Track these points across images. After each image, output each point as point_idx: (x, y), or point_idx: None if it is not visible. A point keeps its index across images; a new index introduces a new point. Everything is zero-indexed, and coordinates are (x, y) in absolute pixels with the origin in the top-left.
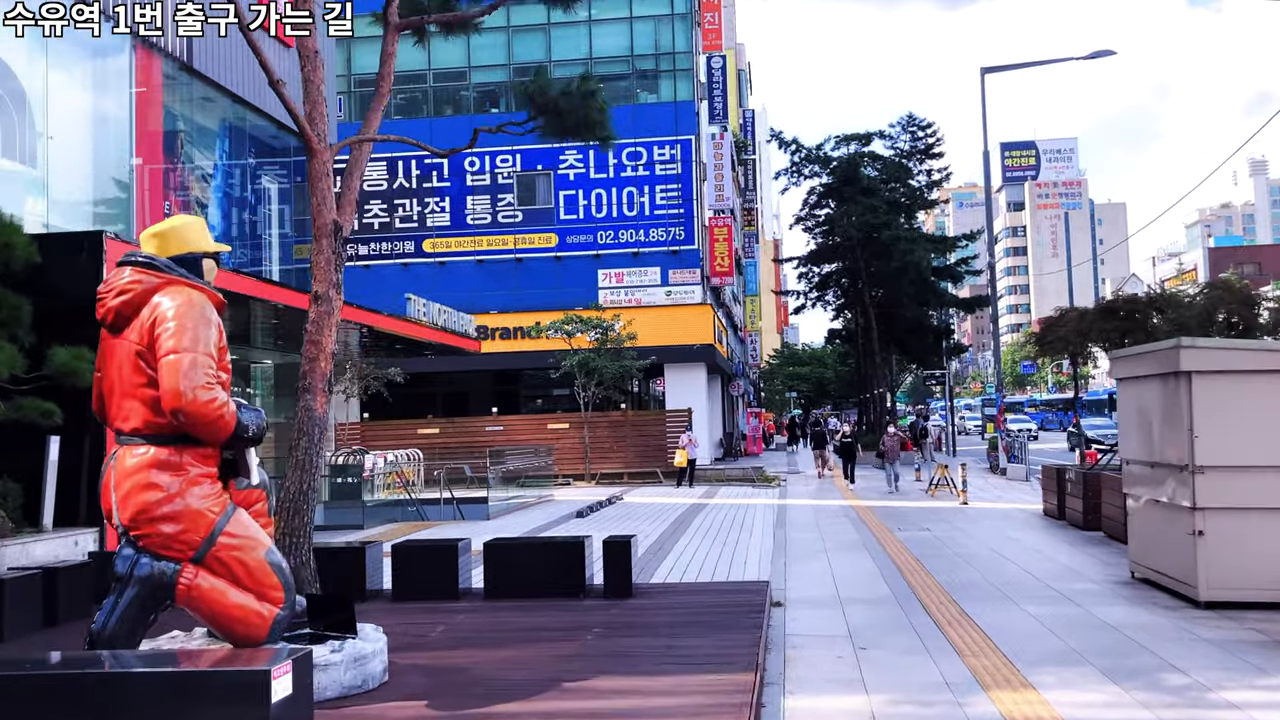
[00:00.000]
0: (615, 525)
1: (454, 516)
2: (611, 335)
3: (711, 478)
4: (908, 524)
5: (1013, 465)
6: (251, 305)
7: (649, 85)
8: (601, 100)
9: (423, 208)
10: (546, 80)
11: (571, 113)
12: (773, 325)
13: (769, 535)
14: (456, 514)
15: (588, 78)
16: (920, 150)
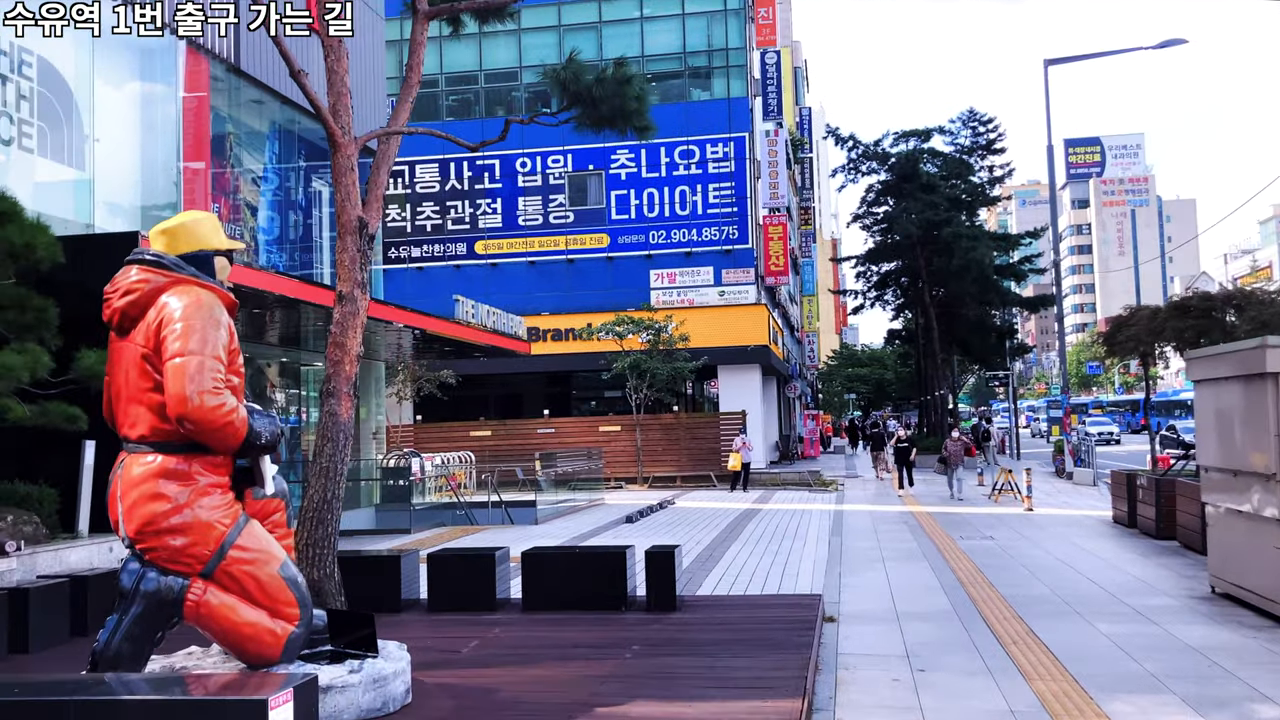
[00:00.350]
0: (664, 532)
1: (503, 520)
2: (664, 336)
3: (766, 482)
4: (969, 531)
5: (1079, 469)
6: (302, 309)
7: (702, 82)
8: (639, 87)
9: (474, 209)
10: (579, 66)
11: (606, 101)
12: (831, 326)
13: (823, 543)
14: (505, 518)
15: (622, 63)
16: (981, 146)
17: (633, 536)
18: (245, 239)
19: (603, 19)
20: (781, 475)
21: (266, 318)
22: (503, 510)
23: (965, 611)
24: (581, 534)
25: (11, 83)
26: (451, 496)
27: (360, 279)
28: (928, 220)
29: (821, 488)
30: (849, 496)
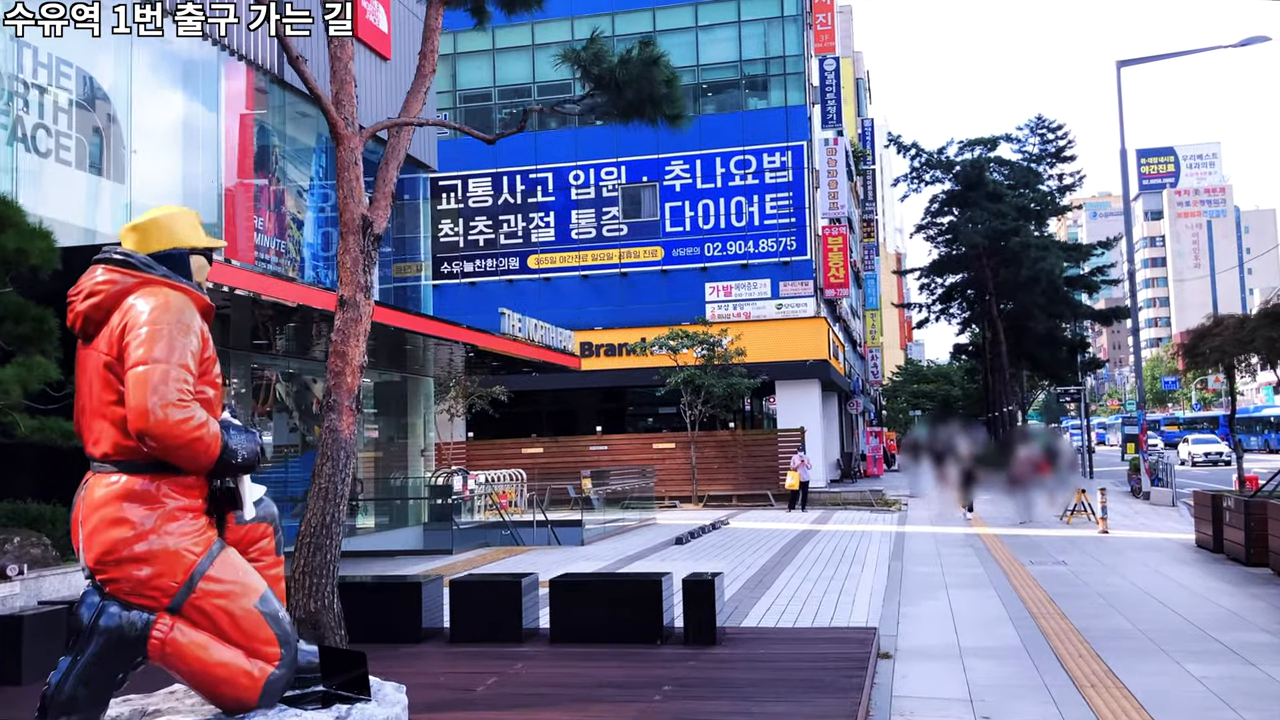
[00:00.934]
0: (715, 554)
1: (549, 541)
2: (719, 351)
3: (826, 501)
4: (1040, 555)
5: (1157, 489)
6: None
7: (758, 91)
8: (668, 69)
9: (527, 223)
10: (601, 47)
11: (631, 84)
12: (896, 342)
13: (882, 568)
14: (552, 538)
15: (649, 43)
16: (1050, 154)
17: (681, 559)
18: (290, 253)
19: (656, 28)
20: (842, 494)
21: (313, 332)
22: (549, 530)
23: (1036, 647)
24: (628, 556)
25: (50, 94)
26: (499, 515)
27: (363, 282)
28: (995, 229)
29: (883, 507)
30: (912, 517)
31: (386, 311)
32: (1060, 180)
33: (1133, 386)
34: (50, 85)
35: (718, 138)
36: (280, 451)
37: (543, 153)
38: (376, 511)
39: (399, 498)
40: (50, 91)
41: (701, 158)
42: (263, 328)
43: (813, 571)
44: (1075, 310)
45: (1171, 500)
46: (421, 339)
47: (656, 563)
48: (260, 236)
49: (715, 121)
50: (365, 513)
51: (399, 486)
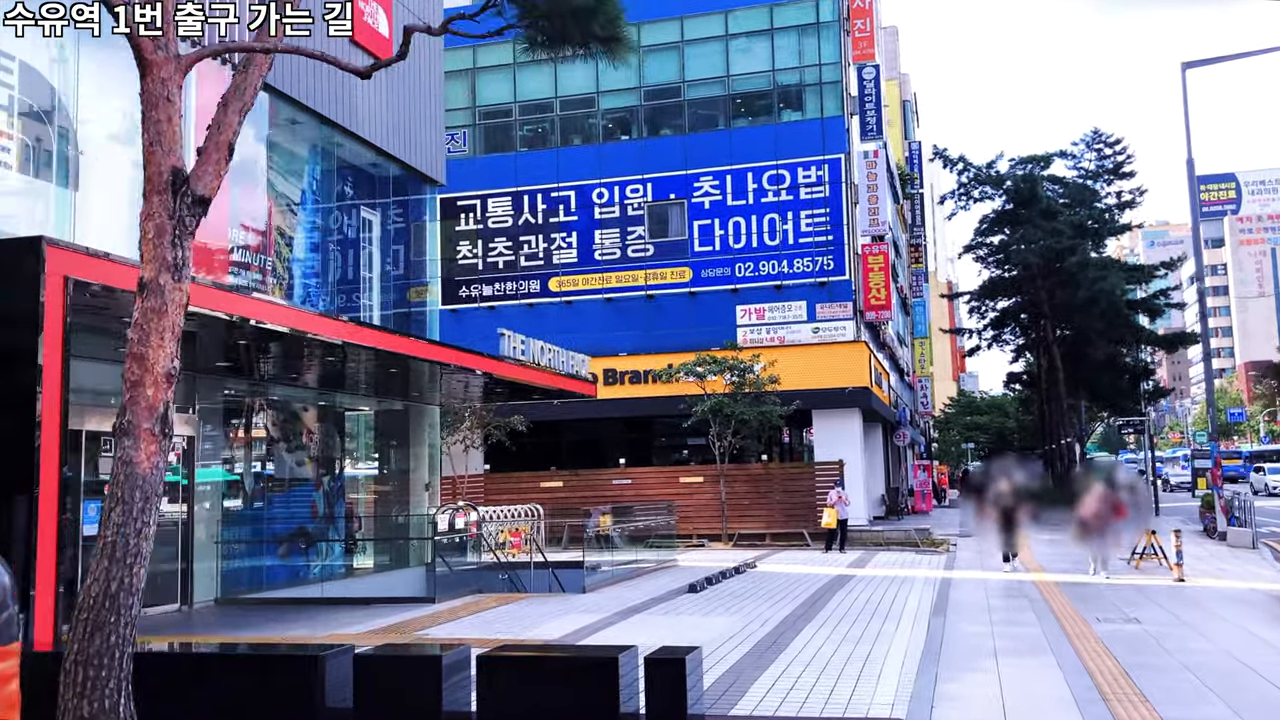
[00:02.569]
0: (729, 606)
1: (549, 586)
2: (750, 378)
3: (867, 540)
4: (1108, 610)
5: (1234, 529)
6: (347, 350)
7: (793, 102)
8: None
9: (548, 244)
10: None
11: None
12: (948, 373)
13: (921, 626)
14: (553, 583)
15: None
16: (1108, 170)
17: (689, 612)
18: (277, 271)
19: (685, 38)
20: (885, 534)
21: (304, 358)
22: (550, 574)
23: None
24: (630, 607)
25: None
26: (513, 555)
27: (172, 260)
28: (1050, 248)
29: (930, 548)
30: (960, 560)
31: (361, 331)
32: (1119, 198)
33: (1195, 417)
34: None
35: (749, 151)
36: (265, 487)
37: (565, 170)
38: (376, 551)
39: (391, 537)
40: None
41: (732, 173)
42: (241, 351)
43: (838, 629)
44: (1137, 334)
45: (1252, 542)
46: (409, 362)
47: (659, 616)
48: (240, 252)
49: (747, 134)
50: (363, 553)
51: (400, 524)
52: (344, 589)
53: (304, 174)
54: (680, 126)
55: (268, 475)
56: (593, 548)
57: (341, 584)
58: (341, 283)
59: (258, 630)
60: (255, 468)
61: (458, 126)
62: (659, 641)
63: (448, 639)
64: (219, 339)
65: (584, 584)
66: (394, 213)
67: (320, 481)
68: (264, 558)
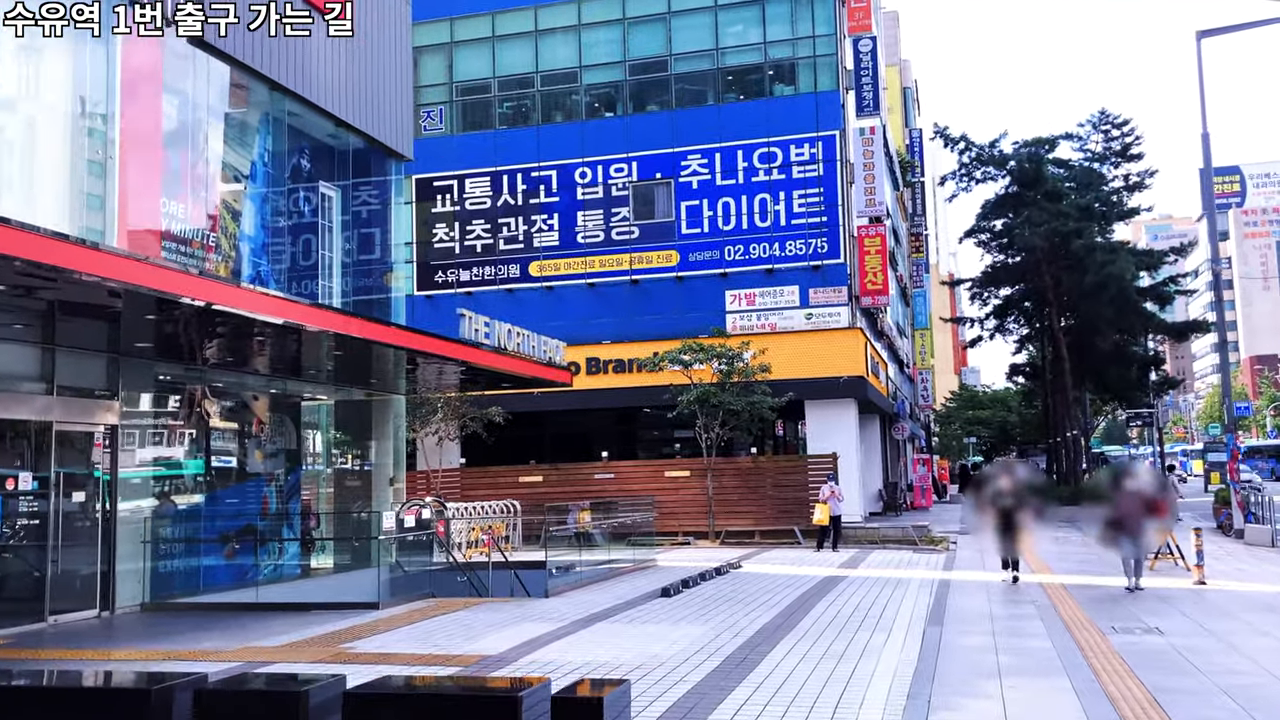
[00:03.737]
0: (703, 612)
1: (511, 590)
2: (739, 366)
3: (862, 538)
4: (1125, 618)
5: (1252, 526)
6: (304, 335)
7: (785, 76)
8: None
9: (529, 226)
10: None
11: None
12: (949, 366)
13: (915, 639)
14: (516, 585)
15: None
16: (1116, 152)
17: (655, 620)
18: (222, 247)
19: (671, 9)
20: (881, 530)
21: (247, 340)
22: (512, 576)
23: None
24: (594, 614)
25: None
26: (485, 554)
27: None
28: (1055, 231)
29: (928, 546)
30: (960, 559)
31: (301, 308)
32: (1126, 180)
33: (1199, 411)
34: None
35: (739, 128)
36: (207, 481)
37: (546, 148)
38: (336, 551)
39: (330, 537)
40: None
41: (721, 151)
42: (175, 331)
43: (820, 642)
44: (1147, 323)
45: (1271, 539)
46: (360, 345)
47: (620, 625)
48: (174, 223)
49: (737, 111)
50: (321, 552)
51: (360, 522)
52: (284, 593)
53: (253, 144)
54: (667, 102)
55: (210, 468)
56: (571, 546)
57: (284, 587)
58: (298, 264)
59: (167, 641)
60: (195, 460)
61: (434, 103)
62: (611, 659)
63: (377, 653)
64: (146, 317)
65: (547, 588)
66: (358, 190)
67: (272, 476)
68: (202, 558)
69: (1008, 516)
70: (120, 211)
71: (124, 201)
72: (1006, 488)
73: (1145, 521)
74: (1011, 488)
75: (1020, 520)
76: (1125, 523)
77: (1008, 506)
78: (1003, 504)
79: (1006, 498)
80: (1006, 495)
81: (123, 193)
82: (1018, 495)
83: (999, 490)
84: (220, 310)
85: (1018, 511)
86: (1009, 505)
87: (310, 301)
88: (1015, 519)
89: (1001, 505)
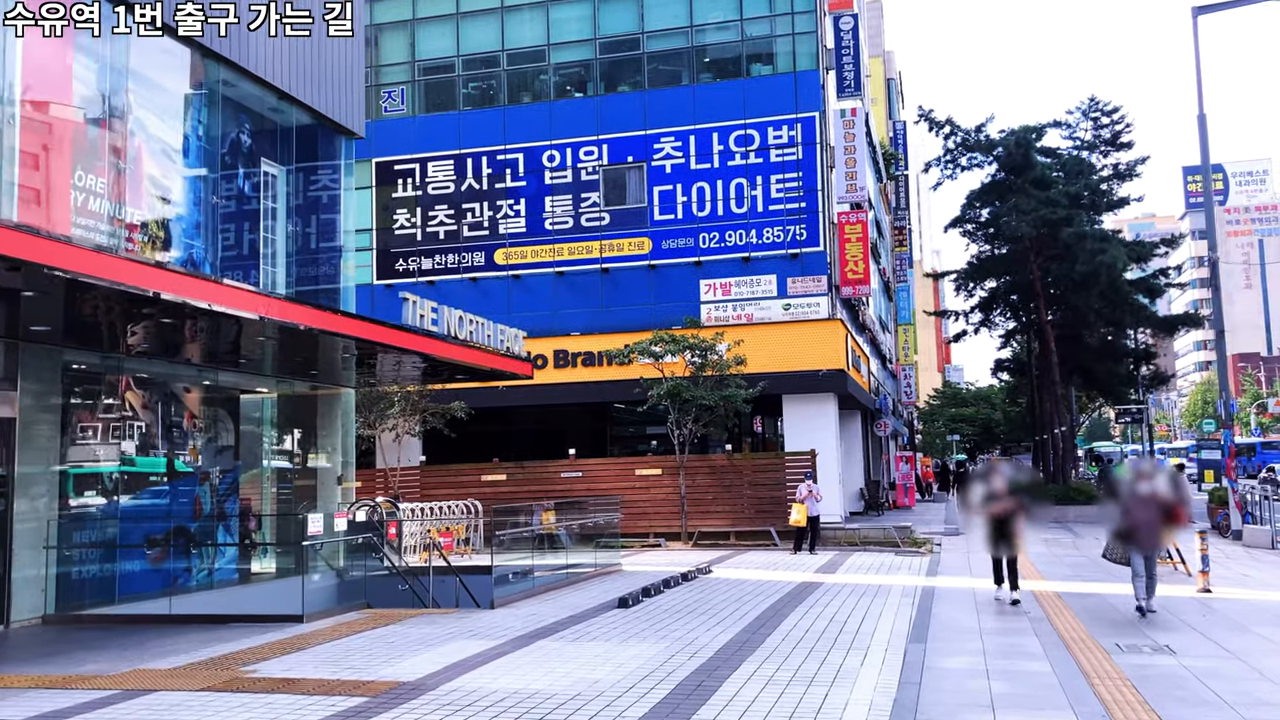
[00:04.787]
0: (661, 626)
1: (455, 599)
2: (713, 359)
3: (842, 540)
4: (1130, 634)
5: (1250, 527)
6: (243, 324)
7: (763, 55)
8: None
9: (494, 212)
10: None
11: None
12: (932, 363)
13: (895, 659)
14: (461, 594)
15: None
16: (1105, 141)
17: (605, 636)
18: (150, 227)
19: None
20: (862, 531)
21: (184, 330)
22: (457, 584)
23: None
24: (538, 629)
25: None
26: (442, 557)
27: None
28: (1044, 219)
29: (912, 549)
30: (946, 563)
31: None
32: (1115, 169)
33: (1182, 410)
34: None
35: (715, 110)
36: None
37: (512, 130)
38: (279, 556)
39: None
40: None
41: (696, 133)
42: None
43: (787, 664)
44: (1139, 315)
45: (1271, 541)
46: (291, 331)
47: (563, 644)
48: (90, 199)
49: (712, 91)
50: (263, 556)
51: (299, 523)
52: (205, 604)
53: (185, 117)
54: (639, 83)
55: (131, 467)
56: (534, 549)
57: (206, 597)
58: (237, 245)
59: (48, 663)
60: (113, 457)
61: (395, 83)
62: (544, 687)
63: (278, 678)
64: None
65: (493, 598)
66: (305, 170)
67: (206, 475)
68: (120, 564)
69: (1003, 522)
70: (20, 182)
71: (25, 171)
72: (1001, 489)
73: (1161, 530)
74: (1006, 489)
75: (1016, 525)
76: (1137, 532)
77: (1003, 509)
78: (996, 506)
79: (1002, 499)
80: (1001, 496)
81: (23, 161)
82: (1014, 497)
83: (993, 492)
84: (132, 293)
85: (1015, 515)
86: (1005, 508)
87: (237, 284)
88: (1011, 523)
89: (995, 508)
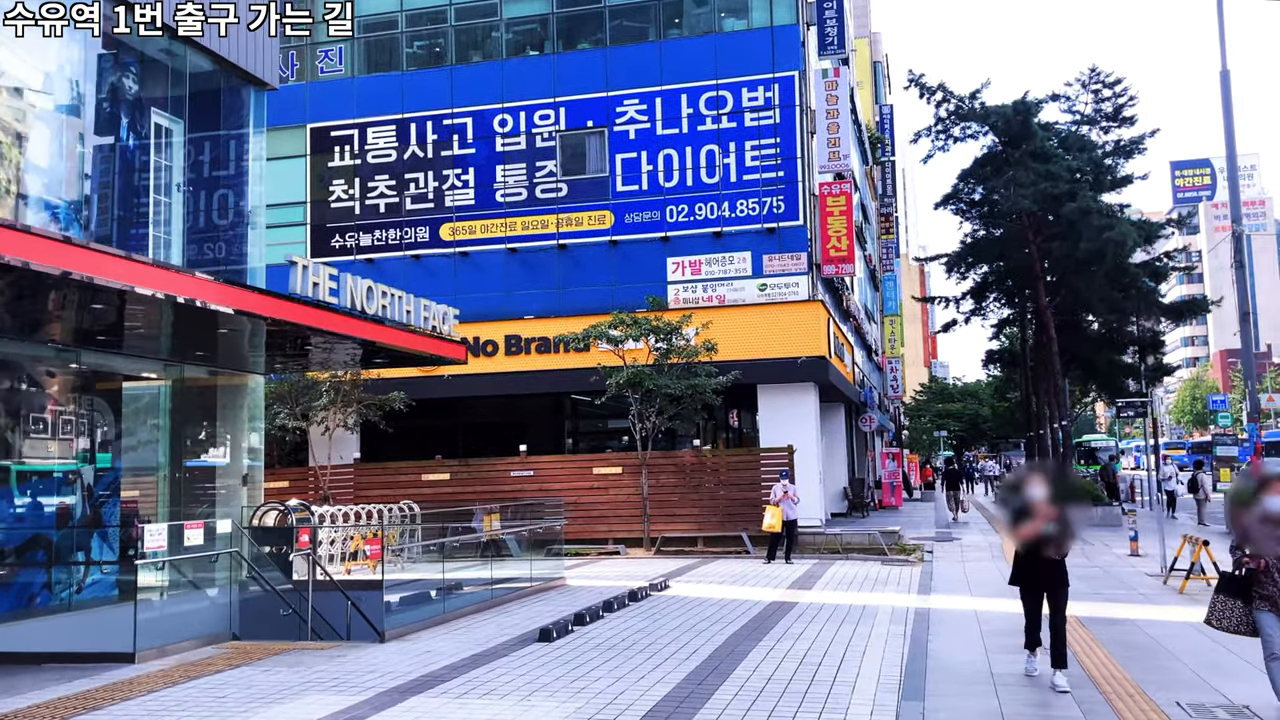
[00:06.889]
0: (585, 670)
1: (344, 628)
2: (679, 344)
3: (822, 546)
4: (1186, 683)
5: None
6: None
7: (737, 8)
8: None
9: (440, 183)
10: None
11: None
12: (919, 358)
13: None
14: (355, 620)
15: None
16: (1106, 115)
17: (508, 685)
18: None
19: None
20: (844, 536)
21: (51, 302)
22: (347, 607)
23: None
24: (426, 675)
25: None
26: (369, 567)
27: None
28: (1045, 194)
29: (900, 557)
30: (939, 575)
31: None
32: (1118, 144)
33: (1170, 406)
34: None
35: (684, 69)
36: None
37: (460, 92)
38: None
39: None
40: None
41: (663, 95)
42: None
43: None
44: (1146, 301)
45: None
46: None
47: (444, 702)
48: None
49: (681, 48)
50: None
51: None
52: (25, 637)
53: (48, 52)
54: (600, 40)
55: None
56: (481, 558)
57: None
58: (120, 207)
59: None
60: None
61: (332, 41)
62: None
63: None
64: None
65: (383, 627)
66: (205, 124)
67: (76, 475)
68: None
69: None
70: None
71: None
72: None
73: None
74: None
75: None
76: (1269, 582)
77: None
78: (1029, 528)
79: (1041, 514)
80: (1039, 511)
81: None
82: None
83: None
84: None
85: (1060, 536)
86: (1038, 530)
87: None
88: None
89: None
